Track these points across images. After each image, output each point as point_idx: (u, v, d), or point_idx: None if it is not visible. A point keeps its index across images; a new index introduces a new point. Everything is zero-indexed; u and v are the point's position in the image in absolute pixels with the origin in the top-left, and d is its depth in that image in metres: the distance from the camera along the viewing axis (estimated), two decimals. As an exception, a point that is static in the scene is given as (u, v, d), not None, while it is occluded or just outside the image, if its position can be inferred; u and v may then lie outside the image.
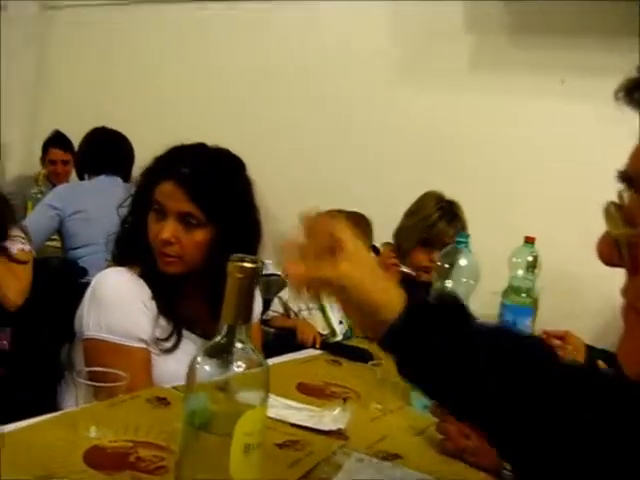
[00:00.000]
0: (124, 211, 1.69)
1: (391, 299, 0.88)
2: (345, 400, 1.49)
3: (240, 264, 0.82)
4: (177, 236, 1.57)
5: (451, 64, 3.32)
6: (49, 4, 4.86)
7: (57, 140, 4.28)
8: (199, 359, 0.83)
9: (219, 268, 0.92)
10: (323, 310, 2.16)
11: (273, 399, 1.44)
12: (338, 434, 1.28)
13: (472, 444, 1.25)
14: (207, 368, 0.83)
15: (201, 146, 1.66)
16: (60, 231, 3.14)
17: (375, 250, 2.58)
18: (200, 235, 1.58)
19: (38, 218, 3.08)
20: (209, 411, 0.82)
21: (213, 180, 1.60)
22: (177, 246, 1.57)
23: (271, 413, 1.36)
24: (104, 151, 3.31)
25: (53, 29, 4.86)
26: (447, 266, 1.61)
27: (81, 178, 3.37)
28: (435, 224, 2.66)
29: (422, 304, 0.90)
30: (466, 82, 3.28)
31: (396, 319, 0.87)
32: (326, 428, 1.27)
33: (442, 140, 3.29)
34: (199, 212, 1.57)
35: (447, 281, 1.58)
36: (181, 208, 1.56)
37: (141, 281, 1.61)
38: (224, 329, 0.83)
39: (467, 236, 1.62)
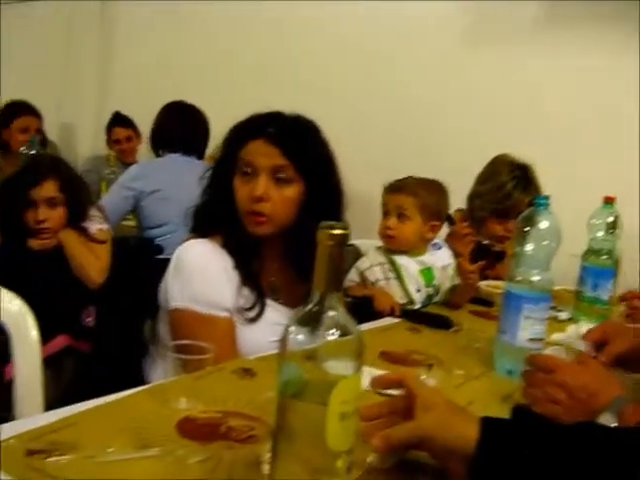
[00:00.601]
0: (203, 184, 1.71)
1: (469, 431, 0.89)
2: (430, 367, 1.48)
3: (330, 231, 0.81)
4: (268, 193, 1.58)
5: (521, 22, 3.22)
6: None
7: (118, 120, 4.44)
8: (291, 328, 0.83)
9: (308, 228, 0.94)
10: (400, 279, 2.14)
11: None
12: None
13: (560, 410, 1.22)
14: (299, 337, 0.82)
15: (279, 112, 1.68)
16: (135, 211, 3.18)
17: (450, 220, 2.54)
18: (290, 191, 1.60)
19: (113, 199, 3.12)
20: (303, 380, 0.81)
21: (301, 136, 1.63)
22: (268, 204, 1.58)
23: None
24: (180, 126, 3.29)
25: (118, 12, 4.91)
26: (526, 230, 1.57)
27: (156, 154, 3.37)
28: (510, 194, 2.62)
29: (497, 426, 0.91)
30: (537, 40, 3.19)
31: (476, 450, 0.87)
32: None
33: (514, 100, 3.22)
34: (290, 166, 1.58)
35: (527, 245, 1.55)
36: (273, 163, 1.58)
37: (223, 251, 1.63)
38: (315, 297, 0.83)
39: (547, 197, 1.58)
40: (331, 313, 0.82)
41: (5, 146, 3.74)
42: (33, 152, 3.38)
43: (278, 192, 1.59)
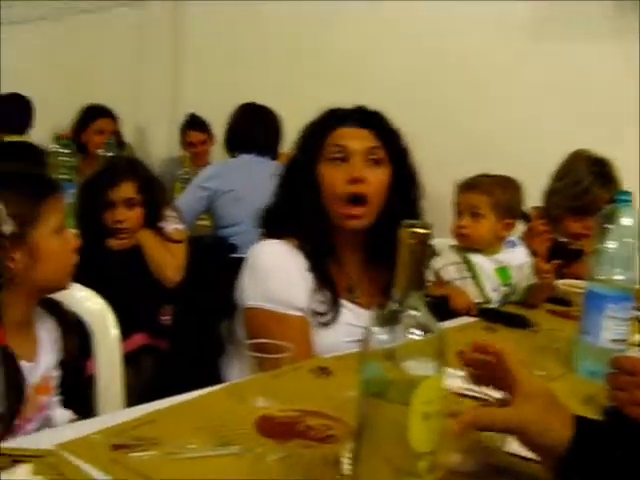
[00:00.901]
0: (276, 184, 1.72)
1: (563, 429, 0.88)
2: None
3: (412, 229, 0.81)
4: (364, 176, 1.57)
5: (595, 11, 3.13)
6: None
7: (193, 123, 4.43)
8: (373, 328, 0.82)
9: (395, 217, 0.97)
10: (476, 278, 2.11)
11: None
12: (502, 402, 1.25)
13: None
14: (381, 337, 0.81)
15: (361, 105, 1.69)
16: (210, 210, 3.21)
17: (525, 217, 2.49)
18: (381, 173, 1.60)
19: (188, 199, 3.16)
20: (385, 380, 0.81)
21: (387, 122, 1.65)
22: (365, 185, 1.57)
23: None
24: (254, 127, 3.31)
25: (189, 15, 4.98)
26: (607, 227, 1.53)
27: (231, 155, 3.40)
28: (588, 190, 2.55)
29: (590, 426, 0.90)
30: (612, 28, 3.09)
31: (568, 449, 0.86)
32: (493, 397, 1.23)
33: (591, 93, 3.13)
34: (382, 148, 1.60)
35: (609, 243, 1.50)
36: (368, 144, 1.59)
37: (298, 252, 1.62)
38: (397, 296, 0.82)
39: (629, 193, 1.53)
40: (412, 312, 0.81)
41: (83, 148, 3.83)
42: (111, 154, 3.46)
43: (373, 174, 1.59)
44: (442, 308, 1.95)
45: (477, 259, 2.15)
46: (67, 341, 1.42)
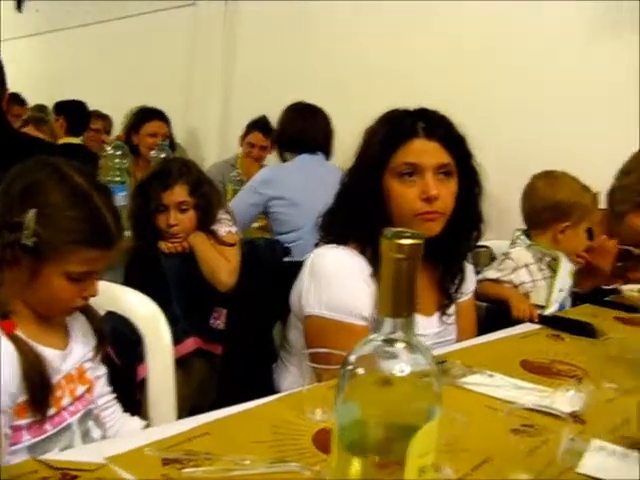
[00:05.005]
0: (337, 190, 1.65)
1: None
2: (580, 380, 1.37)
3: (398, 241, 0.65)
4: (439, 193, 1.51)
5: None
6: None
7: (261, 124, 4.31)
8: (352, 359, 0.68)
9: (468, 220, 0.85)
10: (554, 279, 2.06)
11: (500, 378, 1.36)
12: (574, 418, 1.17)
13: None
14: (361, 371, 0.68)
15: (423, 108, 1.60)
16: (267, 214, 3.15)
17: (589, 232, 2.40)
18: (452, 185, 1.55)
19: (243, 202, 3.09)
20: (366, 428, 0.67)
21: (453, 129, 1.57)
22: (439, 201, 1.52)
23: (500, 394, 1.28)
24: (303, 126, 3.22)
25: (239, 18, 4.98)
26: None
27: (282, 157, 3.33)
28: None
29: None
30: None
31: None
32: (561, 411, 1.16)
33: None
34: (452, 161, 1.54)
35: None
36: (439, 160, 1.52)
37: (360, 258, 1.55)
38: (383, 324, 0.68)
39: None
40: (401, 345, 0.68)
41: (135, 150, 3.83)
42: (163, 156, 3.45)
43: (445, 188, 1.53)
44: (502, 314, 1.89)
45: (563, 259, 2.11)
46: (97, 335, 1.37)
